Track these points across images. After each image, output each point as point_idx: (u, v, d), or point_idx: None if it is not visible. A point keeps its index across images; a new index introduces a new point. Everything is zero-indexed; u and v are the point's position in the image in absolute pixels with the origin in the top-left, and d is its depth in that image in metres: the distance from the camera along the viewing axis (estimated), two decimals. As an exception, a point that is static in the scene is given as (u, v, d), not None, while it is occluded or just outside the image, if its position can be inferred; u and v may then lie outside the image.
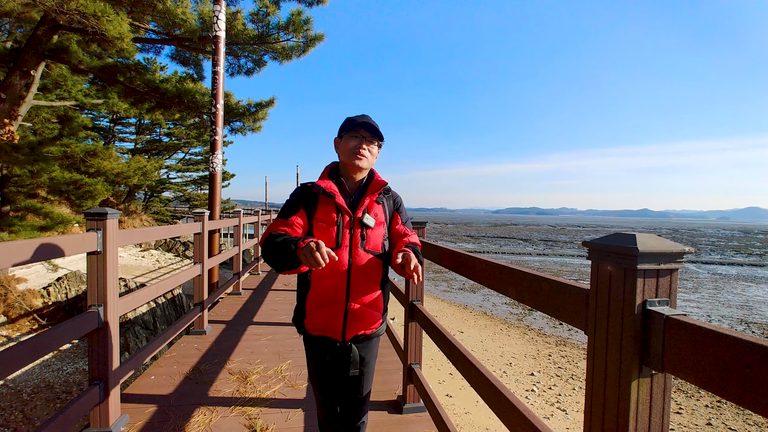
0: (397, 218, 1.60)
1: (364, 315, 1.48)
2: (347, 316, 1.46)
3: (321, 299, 1.46)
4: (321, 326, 1.48)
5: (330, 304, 1.45)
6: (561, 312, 1.01)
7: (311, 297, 1.48)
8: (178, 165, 24.80)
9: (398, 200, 1.63)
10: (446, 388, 5.76)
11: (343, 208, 1.45)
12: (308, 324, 1.50)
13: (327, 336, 1.49)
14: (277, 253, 1.30)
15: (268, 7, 7.56)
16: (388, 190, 1.58)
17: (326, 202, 1.46)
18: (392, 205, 1.61)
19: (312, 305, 1.48)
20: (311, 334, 1.51)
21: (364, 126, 1.47)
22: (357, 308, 1.47)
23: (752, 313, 11.75)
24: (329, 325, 1.47)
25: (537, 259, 25.13)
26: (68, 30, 6.43)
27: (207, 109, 8.59)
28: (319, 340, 1.51)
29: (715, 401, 5.92)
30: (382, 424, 2.40)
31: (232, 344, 3.75)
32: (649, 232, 0.83)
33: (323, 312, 1.46)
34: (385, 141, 1.56)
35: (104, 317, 2.10)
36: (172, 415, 2.43)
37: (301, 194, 1.50)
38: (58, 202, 12.03)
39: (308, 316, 1.49)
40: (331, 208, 1.45)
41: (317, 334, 1.50)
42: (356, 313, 1.47)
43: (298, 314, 1.55)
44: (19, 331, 5.70)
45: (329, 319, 1.46)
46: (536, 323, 10.09)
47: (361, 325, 1.49)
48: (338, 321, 1.46)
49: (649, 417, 0.76)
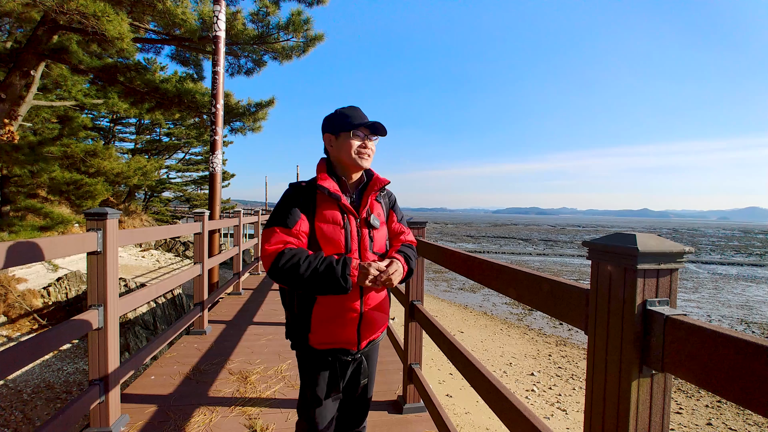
0: (393, 216, 1.54)
1: (376, 320, 1.42)
2: (361, 325, 1.38)
3: (333, 310, 1.34)
4: (333, 339, 1.37)
5: (343, 314, 1.35)
6: (561, 312, 1.01)
7: (319, 309, 1.34)
8: (178, 165, 24.82)
9: (392, 197, 1.58)
10: (446, 388, 5.76)
11: (348, 209, 1.36)
12: (315, 339, 1.37)
13: (339, 348, 1.39)
14: (316, 278, 1.22)
15: (268, 7, 7.56)
16: (384, 188, 1.51)
17: (328, 203, 1.36)
18: (388, 203, 1.55)
19: (320, 317, 1.35)
20: (318, 349, 1.38)
21: (369, 127, 1.38)
22: (371, 314, 1.40)
23: (752, 313, 11.75)
24: (343, 336, 1.37)
25: (537, 259, 25.13)
26: (68, 30, 6.44)
27: (207, 109, 8.58)
28: (326, 354, 1.39)
29: (715, 401, 5.92)
30: (382, 424, 2.40)
31: (233, 344, 3.75)
32: (649, 232, 0.83)
33: (335, 323, 1.35)
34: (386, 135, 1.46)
35: (104, 317, 2.10)
36: (172, 415, 2.43)
37: (297, 195, 1.37)
38: (58, 202, 12.04)
39: (315, 330, 1.36)
40: (334, 210, 1.35)
41: (326, 347, 1.38)
42: (371, 319, 1.40)
43: (297, 329, 1.40)
44: (19, 331, 5.70)
45: (343, 330, 1.36)
46: (536, 323, 10.09)
47: (373, 330, 1.43)
48: (352, 330, 1.37)
49: (649, 417, 0.76)
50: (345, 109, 1.42)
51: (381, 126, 1.39)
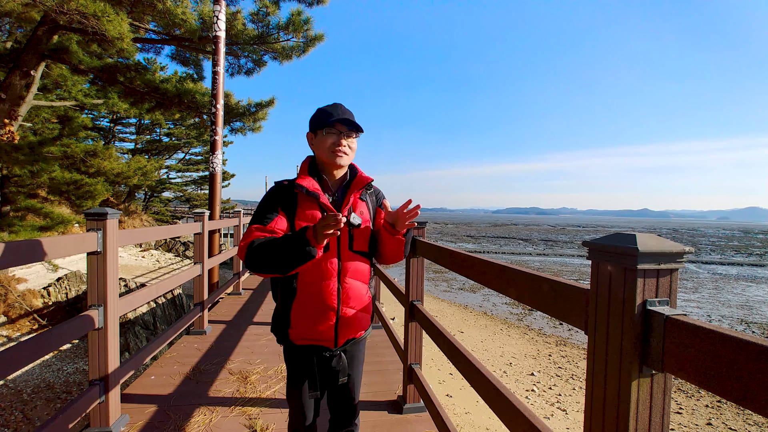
0: (381, 214, 1.53)
1: (355, 319, 1.42)
2: (339, 323, 1.38)
3: (310, 307, 1.36)
4: (310, 335, 1.39)
5: (321, 312, 1.36)
6: (561, 312, 1.01)
7: (298, 306, 1.37)
8: (178, 165, 24.83)
9: (380, 195, 1.57)
10: (446, 388, 5.76)
11: (327, 207, 1.36)
12: (294, 334, 1.40)
13: (316, 345, 1.41)
14: (279, 251, 1.21)
15: (268, 7, 7.56)
16: (370, 186, 1.51)
17: (308, 202, 1.37)
18: (375, 201, 1.54)
19: (299, 314, 1.37)
20: (297, 344, 1.41)
21: (342, 121, 1.37)
22: (349, 314, 1.40)
23: (752, 312, 11.75)
24: (320, 333, 1.38)
25: (537, 259, 25.13)
26: (68, 30, 6.44)
27: (207, 109, 8.59)
28: (305, 350, 1.42)
29: (715, 401, 5.92)
30: (382, 424, 2.40)
31: (233, 344, 3.75)
32: (649, 232, 0.83)
33: (313, 321, 1.37)
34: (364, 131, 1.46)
35: (104, 317, 2.10)
36: (172, 415, 2.43)
37: (278, 194, 1.39)
38: (58, 202, 12.04)
39: (294, 325, 1.38)
40: (314, 208, 1.37)
41: (305, 343, 1.41)
42: (349, 318, 1.40)
43: (279, 322, 1.43)
44: (19, 332, 5.70)
45: (320, 328, 1.37)
46: (536, 323, 10.09)
47: (353, 329, 1.43)
48: (330, 329, 1.38)
49: (650, 417, 0.76)
50: (325, 107, 1.41)
51: (350, 117, 1.38)
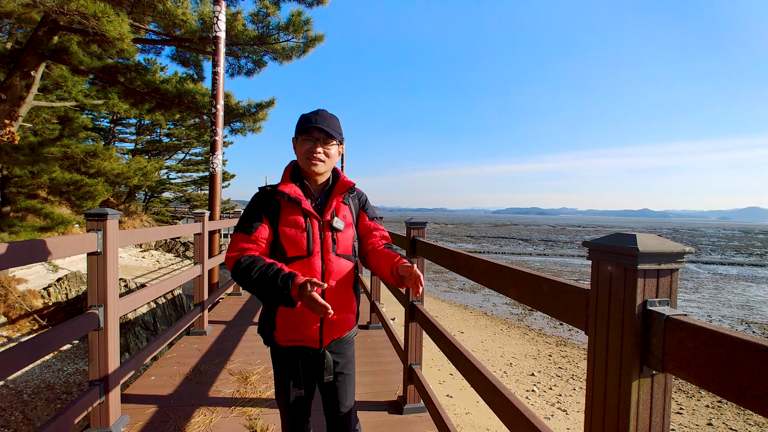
0: (364, 216, 1.55)
1: (340, 321, 1.45)
2: (323, 325, 1.41)
3: (295, 310, 1.38)
4: (295, 337, 1.41)
5: (305, 314, 1.38)
6: (561, 312, 1.01)
7: (283, 308, 1.39)
8: (179, 165, 24.81)
9: (363, 197, 1.58)
10: (446, 389, 5.76)
11: (310, 212, 1.38)
12: (279, 336, 1.42)
13: (302, 345, 1.43)
14: (263, 289, 1.25)
15: (269, 7, 7.57)
16: (353, 190, 1.52)
17: (291, 208, 1.39)
18: (358, 203, 1.56)
19: (284, 317, 1.40)
20: (282, 345, 1.44)
21: (317, 128, 1.36)
22: (334, 316, 1.41)
23: (753, 313, 11.74)
24: (305, 335, 1.40)
25: (537, 259, 25.12)
26: (69, 31, 6.44)
27: (207, 109, 8.59)
28: (291, 351, 1.44)
29: (715, 401, 5.91)
30: (382, 425, 2.40)
31: (233, 344, 3.75)
32: (649, 232, 0.83)
33: (298, 323, 1.39)
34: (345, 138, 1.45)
35: (104, 318, 2.10)
36: (173, 416, 2.43)
37: (262, 201, 1.41)
38: (59, 202, 12.04)
39: (279, 328, 1.41)
40: (297, 214, 1.38)
41: (290, 344, 1.43)
42: (333, 320, 1.42)
43: (265, 324, 1.45)
44: (20, 332, 5.70)
45: (305, 330, 1.39)
46: (536, 323, 10.09)
47: (337, 330, 1.45)
48: (314, 330, 1.40)
49: (650, 417, 0.76)
50: (307, 113, 1.41)
51: (324, 126, 1.35)
